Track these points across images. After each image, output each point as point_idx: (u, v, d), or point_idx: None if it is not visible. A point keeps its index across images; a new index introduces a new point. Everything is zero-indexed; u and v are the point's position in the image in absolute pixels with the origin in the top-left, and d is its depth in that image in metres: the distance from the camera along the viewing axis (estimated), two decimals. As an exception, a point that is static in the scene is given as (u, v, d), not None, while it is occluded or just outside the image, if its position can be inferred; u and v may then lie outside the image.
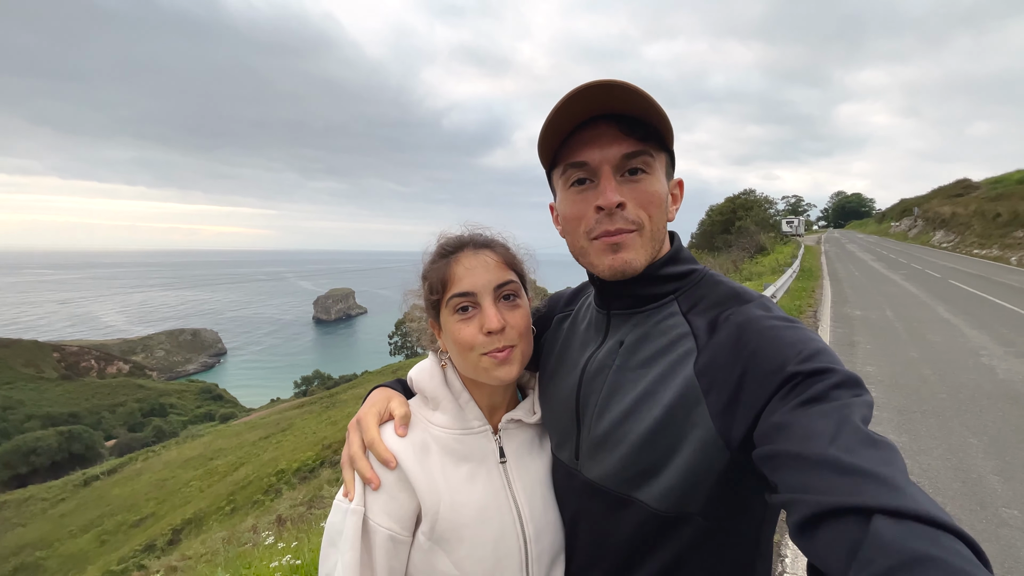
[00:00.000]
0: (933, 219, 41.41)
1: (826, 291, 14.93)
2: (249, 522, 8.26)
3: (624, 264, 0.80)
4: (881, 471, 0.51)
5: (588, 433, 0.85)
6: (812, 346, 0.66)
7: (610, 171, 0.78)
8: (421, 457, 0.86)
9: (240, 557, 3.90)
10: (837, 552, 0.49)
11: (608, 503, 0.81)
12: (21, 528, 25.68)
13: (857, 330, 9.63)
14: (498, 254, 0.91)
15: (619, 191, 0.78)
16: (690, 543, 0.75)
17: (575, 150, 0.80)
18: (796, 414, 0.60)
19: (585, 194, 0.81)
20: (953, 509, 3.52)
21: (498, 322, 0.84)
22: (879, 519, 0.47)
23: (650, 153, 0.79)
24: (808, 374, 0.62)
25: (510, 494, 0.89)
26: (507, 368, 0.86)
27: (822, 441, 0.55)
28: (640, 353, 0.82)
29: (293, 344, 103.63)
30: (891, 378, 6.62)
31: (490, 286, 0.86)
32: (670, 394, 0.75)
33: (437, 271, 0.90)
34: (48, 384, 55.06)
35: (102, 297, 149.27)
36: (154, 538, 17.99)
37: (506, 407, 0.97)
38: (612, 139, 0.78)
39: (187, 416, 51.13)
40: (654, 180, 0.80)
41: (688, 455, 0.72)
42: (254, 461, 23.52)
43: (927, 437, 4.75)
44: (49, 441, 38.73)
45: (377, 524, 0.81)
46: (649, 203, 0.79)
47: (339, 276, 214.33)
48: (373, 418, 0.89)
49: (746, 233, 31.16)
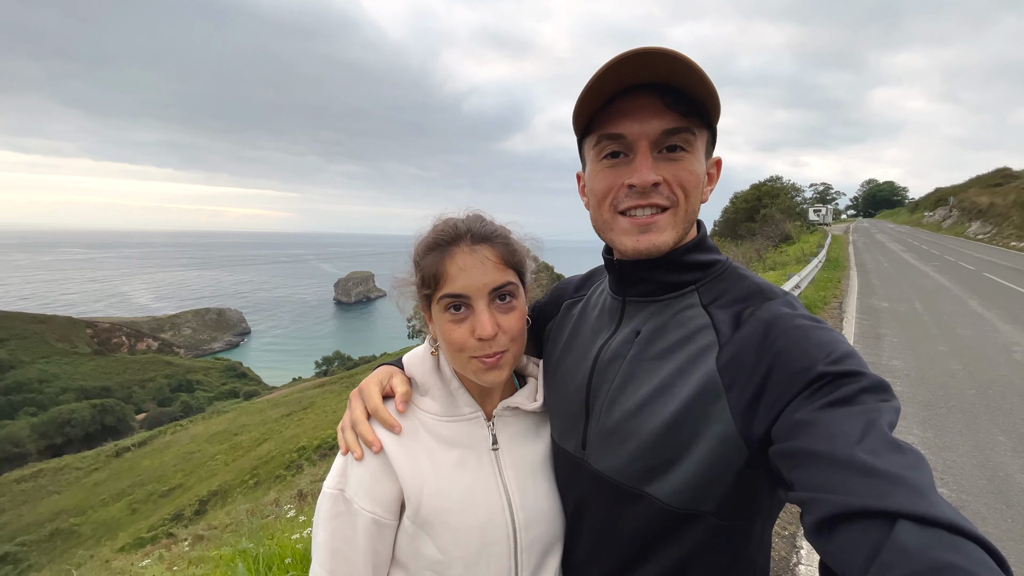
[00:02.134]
0: (969, 209, 39.92)
1: (853, 282, 14.56)
2: (272, 495, 8.51)
3: (651, 246, 0.76)
4: (908, 476, 0.50)
5: (598, 423, 0.82)
6: (841, 348, 0.64)
7: (647, 147, 0.73)
8: (407, 442, 0.84)
9: (263, 528, 4.03)
10: (856, 554, 0.48)
11: (617, 496, 0.79)
12: (57, 495, 26.91)
13: (884, 323, 9.39)
14: (496, 251, 0.84)
15: (655, 169, 0.74)
16: (700, 541, 0.73)
17: (612, 120, 0.75)
18: (822, 414, 0.58)
19: (618, 169, 0.76)
20: (977, 506, 3.44)
21: (491, 329, 0.81)
22: (903, 524, 0.46)
23: (692, 131, 0.74)
24: (837, 375, 0.61)
25: (500, 481, 0.88)
26: (496, 373, 0.84)
27: (847, 442, 0.54)
28: (657, 344, 0.80)
29: (314, 325, 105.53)
30: (918, 372, 6.46)
31: (485, 289, 0.82)
32: (689, 388, 0.72)
33: (430, 264, 0.84)
34: (81, 359, 57.16)
35: (132, 276, 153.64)
36: (182, 508, 18.70)
37: (501, 394, 0.95)
38: (653, 112, 0.72)
39: (213, 392, 52.71)
40: (693, 159, 0.75)
41: (705, 451, 0.70)
42: (276, 437, 24.19)
43: (953, 433, 4.64)
44: (83, 413, 40.38)
45: (360, 507, 0.81)
46: (686, 183, 0.75)
47: (359, 259, 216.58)
48: (376, 386, 0.89)
49: (771, 221, 30.45)
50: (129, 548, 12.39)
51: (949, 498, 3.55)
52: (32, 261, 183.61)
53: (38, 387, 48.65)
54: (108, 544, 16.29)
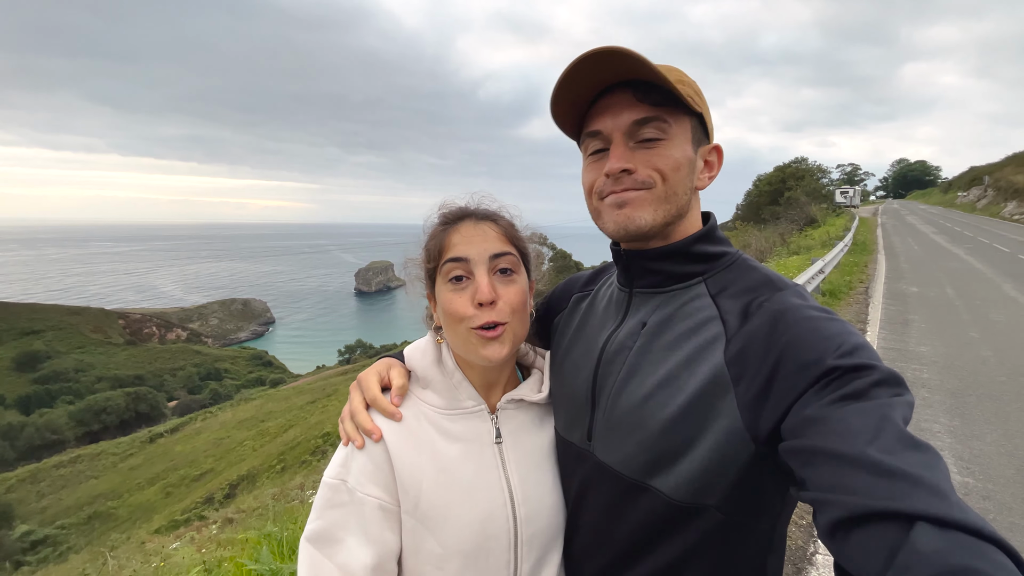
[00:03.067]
0: (1005, 189, 38.36)
1: (880, 266, 14.19)
2: (298, 480, 8.74)
3: (627, 220, 0.77)
4: (925, 476, 0.49)
5: (603, 415, 0.82)
6: (852, 340, 0.63)
7: (621, 138, 0.76)
8: (409, 434, 0.84)
9: (288, 513, 4.16)
10: (873, 557, 0.47)
11: (620, 488, 0.78)
12: (94, 480, 28.12)
13: (912, 308, 9.14)
14: (500, 227, 0.87)
15: (629, 158, 0.76)
16: (702, 536, 0.72)
17: (592, 119, 0.80)
18: (833, 409, 0.57)
19: (600, 163, 0.80)
20: (1004, 497, 3.36)
21: (489, 293, 0.81)
22: (921, 526, 0.45)
23: (664, 119, 0.75)
24: (848, 369, 0.59)
25: (503, 475, 0.87)
26: (496, 347, 0.82)
27: (860, 440, 0.53)
28: (664, 335, 0.79)
29: (336, 314, 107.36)
30: (946, 359, 6.29)
31: (485, 255, 0.83)
32: (696, 380, 0.72)
33: (435, 239, 0.87)
34: (115, 349, 59.28)
35: (160, 268, 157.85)
36: (213, 492, 19.36)
37: (504, 387, 0.94)
38: (625, 105, 0.76)
39: (240, 380, 54.22)
40: (671, 146, 0.76)
41: (710, 445, 0.69)
42: (302, 424, 24.80)
43: (981, 421, 4.52)
44: (118, 401, 41.98)
45: (366, 495, 0.80)
46: (661, 168, 0.76)
47: (379, 249, 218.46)
48: (374, 377, 0.90)
49: (796, 204, 29.68)
50: (164, 530, 12.90)
51: (975, 488, 3.48)
52: (66, 255, 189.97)
53: (74, 376, 50.67)
54: (144, 526, 17.00)
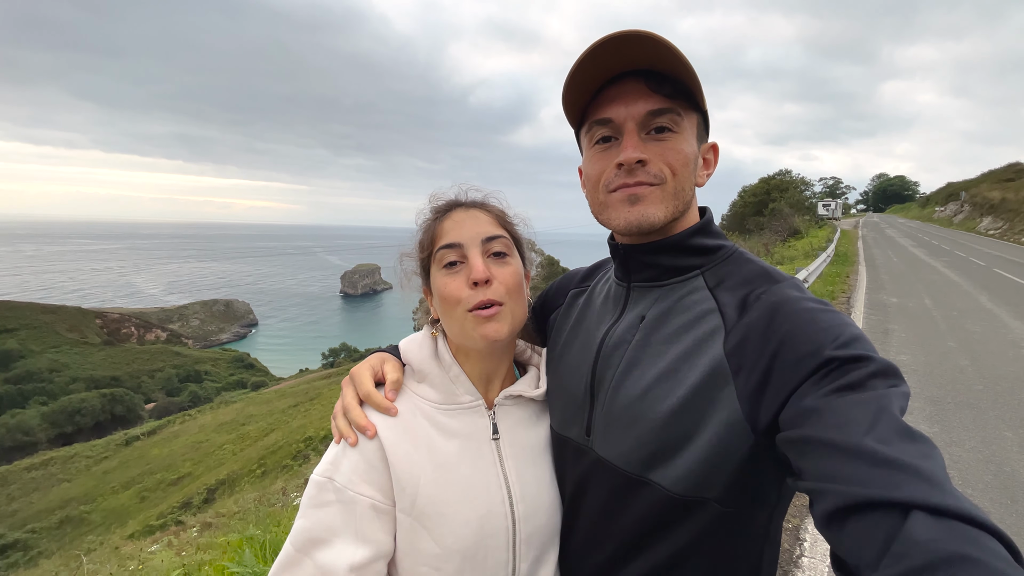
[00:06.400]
0: (981, 204, 39.39)
1: (861, 277, 14.44)
2: (279, 484, 8.60)
3: (641, 217, 0.76)
4: (921, 465, 0.49)
5: (602, 409, 0.81)
6: (849, 332, 0.63)
7: (634, 128, 0.76)
8: (404, 431, 0.82)
9: (270, 516, 4.08)
10: (869, 546, 0.48)
11: (620, 483, 0.77)
12: (67, 483, 27.32)
13: (892, 318, 9.32)
14: (491, 213, 0.88)
15: (642, 148, 0.75)
16: (702, 529, 0.72)
17: (601, 107, 0.78)
18: (830, 400, 0.58)
19: (608, 152, 0.78)
20: (983, 502, 3.43)
21: (483, 271, 0.81)
22: (916, 515, 0.46)
23: (677, 111, 0.76)
24: (845, 360, 0.60)
25: (501, 472, 0.85)
26: (493, 325, 0.81)
27: (857, 430, 0.53)
28: (663, 328, 0.79)
29: (321, 317, 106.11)
30: (926, 367, 6.41)
31: (478, 238, 0.84)
32: (696, 373, 0.71)
33: (427, 230, 0.88)
34: (91, 349, 57.77)
35: (141, 267, 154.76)
36: (190, 496, 18.93)
37: (502, 382, 0.92)
38: (638, 95, 0.75)
39: (221, 383, 53.20)
40: (681, 139, 0.76)
41: (710, 437, 0.69)
42: (284, 428, 24.41)
43: (960, 428, 4.61)
44: (93, 402, 40.87)
45: (358, 494, 0.77)
46: (673, 162, 0.76)
47: (366, 252, 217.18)
48: (368, 372, 0.88)
49: (779, 215, 30.20)
50: (138, 535, 12.58)
51: (955, 493, 3.54)
52: (43, 252, 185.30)
53: (48, 376, 49.25)
54: (118, 531, 16.53)
